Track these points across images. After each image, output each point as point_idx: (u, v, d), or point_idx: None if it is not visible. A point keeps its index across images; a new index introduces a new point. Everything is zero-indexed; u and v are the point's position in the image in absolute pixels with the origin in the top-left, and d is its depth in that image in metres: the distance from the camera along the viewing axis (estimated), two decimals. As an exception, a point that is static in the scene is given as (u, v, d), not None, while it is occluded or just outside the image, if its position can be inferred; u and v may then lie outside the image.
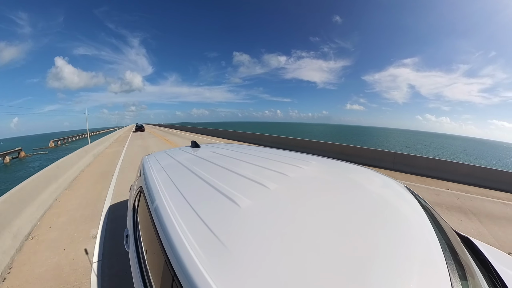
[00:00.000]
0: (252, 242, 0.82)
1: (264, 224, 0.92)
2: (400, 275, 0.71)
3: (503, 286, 1.14)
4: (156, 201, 1.22)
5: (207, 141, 14.06)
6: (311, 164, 1.80)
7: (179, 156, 2.20)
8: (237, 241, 0.82)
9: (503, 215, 4.71)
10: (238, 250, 0.77)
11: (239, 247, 0.79)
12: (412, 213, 1.18)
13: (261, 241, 0.83)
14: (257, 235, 0.85)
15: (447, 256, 0.86)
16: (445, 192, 6.05)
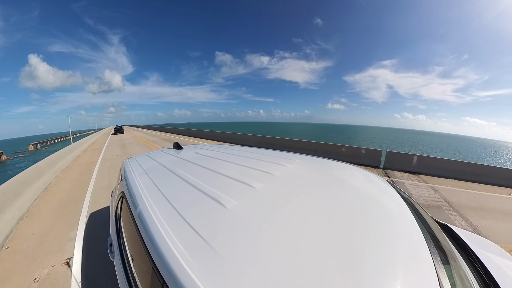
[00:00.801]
0: (241, 244, 0.81)
1: (252, 225, 0.92)
2: (388, 264, 0.75)
3: (481, 266, 1.24)
4: (139, 206, 1.18)
5: (191, 143, 13.75)
6: (295, 162, 1.82)
7: (162, 159, 2.14)
8: (226, 243, 0.82)
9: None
10: (228, 253, 0.77)
11: (228, 250, 0.78)
12: (395, 205, 1.24)
13: (250, 242, 0.82)
14: (246, 236, 0.85)
15: (430, 243, 0.92)
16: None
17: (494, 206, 5.15)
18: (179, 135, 24.64)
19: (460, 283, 0.87)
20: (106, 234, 2.49)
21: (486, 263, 1.27)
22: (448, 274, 0.81)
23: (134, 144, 16.40)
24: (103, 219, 3.92)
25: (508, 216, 4.60)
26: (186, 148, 2.73)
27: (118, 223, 1.64)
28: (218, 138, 18.85)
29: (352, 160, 8.91)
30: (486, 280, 1.14)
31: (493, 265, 1.29)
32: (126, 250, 1.31)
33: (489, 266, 1.24)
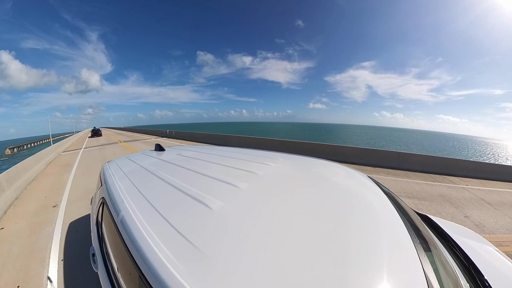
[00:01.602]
0: (229, 244, 0.81)
1: (238, 225, 0.92)
2: (374, 254, 0.79)
3: (460, 251, 1.33)
4: (121, 212, 1.14)
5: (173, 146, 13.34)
6: (278, 161, 1.84)
7: (143, 161, 2.07)
8: (213, 245, 0.81)
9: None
10: (216, 254, 0.76)
11: (217, 251, 0.78)
12: (376, 199, 1.29)
13: (238, 242, 0.82)
14: (233, 237, 0.85)
15: (411, 233, 0.97)
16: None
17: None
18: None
19: (442, 268, 0.94)
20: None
21: (464, 248, 1.36)
22: (431, 260, 0.87)
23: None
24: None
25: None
26: (168, 150, 2.67)
27: (100, 231, 1.57)
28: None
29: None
30: (465, 263, 1.23)
31: (470, 250, 1.39)
32: (110, 259, 1.24)
33: (467, 251, 1.33)
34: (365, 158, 8.95)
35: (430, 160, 8.33)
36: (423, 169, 8.02)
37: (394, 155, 8.62)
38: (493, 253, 1.57)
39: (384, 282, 0.68)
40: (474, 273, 1.15)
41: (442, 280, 0.82)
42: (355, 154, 9.32)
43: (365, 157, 9.00)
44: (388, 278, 0.69)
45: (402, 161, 8.40)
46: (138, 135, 29.81)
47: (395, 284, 0.68)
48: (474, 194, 5.71)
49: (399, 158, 8.48)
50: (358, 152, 9.38)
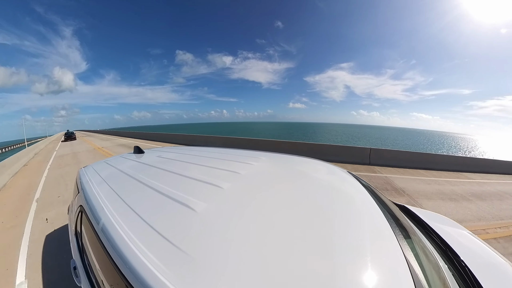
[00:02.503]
0: (215, 245, 0.81)
1: (223, 225, 0.92)
2: (356, 244, 0.83)
3: (437, 237, 1.41)
4: (102, 219, 1.09)
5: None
6: (260, 160, 1.85)
7: (122, 165, 2.00)
8: (200, 247, 0.80)
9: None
10: (203, 256, 0.76)
11: (203, 253, 0.77)
12: (356, 192, 1.35)
13: (224, 242, 0.83)
14: (219, 238, 0.85)
15: (391, 222, 1.02)
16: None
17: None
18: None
19: (422, 253, 0.99)
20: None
21: (441, 233, 1.45)
22: (411, 246, 0.93)
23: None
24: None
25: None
26: (147, 152, 2.58)
27: (80, 241, 1.49)
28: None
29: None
30: (443, 247, 1.31)
31: (446, 234, 1.49)
32: (93, 271, 1.19)
33: (444, 236, 1.42)
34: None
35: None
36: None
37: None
38: (467, 236, 1.69)
39: (369, 270, 0.72)
40: (451, 255, 1.23)
41: (422, 264, 0.87)
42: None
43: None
44: (372, 266, 0.73)
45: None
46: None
47: (380, 270, 0.73)
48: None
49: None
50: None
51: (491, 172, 8.47)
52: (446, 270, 1.07)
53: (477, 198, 5.21)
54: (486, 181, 6.95)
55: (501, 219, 4.15)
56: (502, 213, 4.39)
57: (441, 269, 1.01)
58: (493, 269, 1.36)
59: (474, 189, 5.97)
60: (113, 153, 12.14)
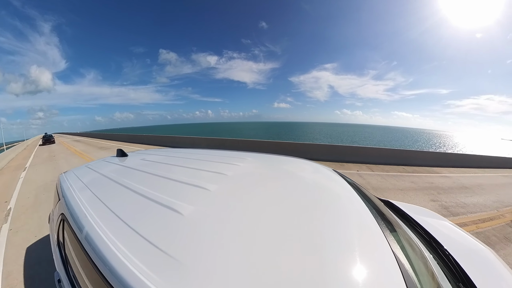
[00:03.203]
0: (204, 249, 0.80)
1: (211, 228, 0.92)
2: (344, 238, 0.86)
3: (421, 228, 1.48)
4: (85, 227, 1.04)
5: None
6: (247, 161, 1.86)
7: (104, 169, 1.92)
8: (188, 251, 0.79)
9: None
10: (192, 261, 0.75)
11: (192, 257, 0.76)
12: (342, 190, 1.38)
13: (213, 245, 0.82)
14: (208, 241, 0.84)
15: (376, 217, 1.06)
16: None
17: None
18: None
19: (408, 245, 1.03)
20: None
21: (424, 225, 1.52)
22: (396, 239, 0.96)
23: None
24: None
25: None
26: (131, 155, 2.50)
27: (63, 252, 1.42)
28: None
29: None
30: (427, 238, 1.37)
31: (430, 226, 1.55)
32: (79, 282, 1.13)
33: (427, 227, 1.49)
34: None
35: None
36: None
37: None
38: (449, 227, 1.79)
39: (358, 264, 0.74)
40: (435, 245, 1.29)
41: (409, 255, 0.91)
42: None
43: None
44: (361, 260, 0.76)
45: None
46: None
47: (369, 264, 0.76)
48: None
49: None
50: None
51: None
52: (431, 260, 1.12)
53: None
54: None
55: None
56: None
57: (426, 259, 1.05)
58: (475, 255, 1.45)
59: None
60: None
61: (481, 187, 6.33)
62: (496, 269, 1.37)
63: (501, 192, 5.93)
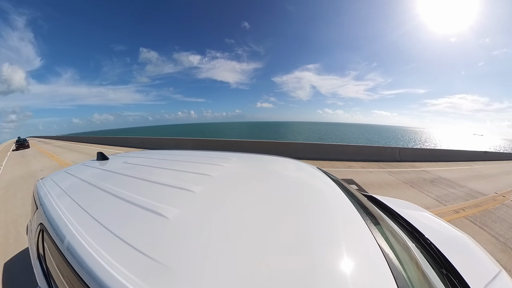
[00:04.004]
0: (192, 252, 0.80)
1: (198, 231, 0.91)
2: (330, 233, 0.90)
3: (403, 220, 1.54)
4: (66, 237, 0.99)
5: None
6: (231, 161, 1.86)
7: (84, 173, 1.84)
8: (176, 256, 0.78)
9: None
10: (180, 265, 0.74)
11: (181, 262, 0.75)
12: (326, 186, 1.43)
13: (201, 248, 0.81)
14: (195, 244, 0.84)
15: (361, 212, 1.10)
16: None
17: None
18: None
19: (391, 236, 1.07)
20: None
21: (406, 217, 1.59)
22: (380, 231, 1.01)
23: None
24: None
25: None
26: (112, 158, 2.39)
27: (45, 265, 1.35)
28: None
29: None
30: (409, 229, 1.43)
31: (411, 218, 1.63)
32: None
33: (409, 219, 1.56)
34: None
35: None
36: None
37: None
38: (429, 218, 1.89)
39: (345, 257, 0.78)
40: (417, 235, 1.35)
41: (393, 246, 0.95)
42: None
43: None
44: (348, 253, 0.80)
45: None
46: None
47: (355, 256, 0.80)
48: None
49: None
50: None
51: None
52: (414, 249, 1.17)
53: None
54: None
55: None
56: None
57: (410, 249, 1.10)
58: (454, 242, 1.55)
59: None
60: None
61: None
62: (475, 253, 1.47)
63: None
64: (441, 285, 1.01)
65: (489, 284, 1.20)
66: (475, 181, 6.60)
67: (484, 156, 11.85)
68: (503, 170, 8.75)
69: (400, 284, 0.70)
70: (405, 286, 0.72)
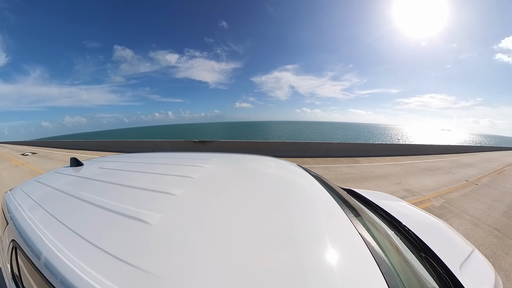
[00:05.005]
0: (178, 257, 0.78)
1: (182, 235, 0.89)
2: (313, 226, 0.94)
3: (382, 210, 1.61)
4: (43, 253, 0.92)
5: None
6: (212, 161, 1.84)
7: (57, 182, 1.70)
8: (162, 263, 0.76)
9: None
10: (167, 272, 0.72)
11: (168, 268, 0.74)
12: (308, 183, 1.46)
13: (188, 252, 0.80)
14: (180, 248, 0.82)
15: (341, 205, 1.13)
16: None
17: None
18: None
19: (372, 226, 1.11)
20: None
21: (384, 207, 1.67)
22: (361, 222, 1.05)
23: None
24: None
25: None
26: (87, 164, 2.24)
27: (21, 285, 1.23)
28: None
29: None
30: (388, 218, 1.50)
31: (389, 207, 1.71)
32: None
33: (387, 209, 1.64)
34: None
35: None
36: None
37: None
38: (405, 207, 2.00)
39: (330, 249, 0.81)
40: (396, 224, 1.42)
41: (374, 235, 0.98)
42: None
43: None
44: (332, 245, 0.83)
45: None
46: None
47: (339, 247, 0.84)
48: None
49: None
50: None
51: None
52: (394, 236, 1.23)
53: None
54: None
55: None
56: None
57: (390, 237, 1.15)
58: (430, 227, 1.66)
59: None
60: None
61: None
62: (449, 236, 1.58)
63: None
64: (422, 268, 1.06)
65: (464, 263, 1.28)
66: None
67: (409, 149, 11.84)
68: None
69: (383, 270, 0.73)
70: (388, 272, 0.74)
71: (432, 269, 1.09)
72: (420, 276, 0.97)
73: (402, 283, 0.79)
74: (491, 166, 9.02)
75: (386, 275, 0.72)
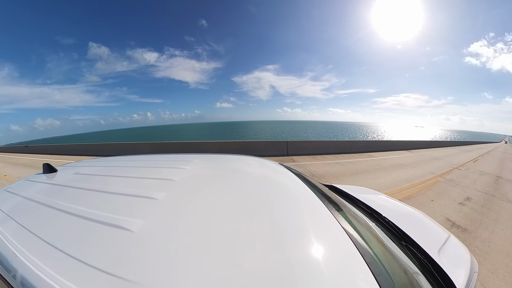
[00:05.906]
0: (163, 263, 0.76)
1: (166, 240, 0.87)
2: (297, 223, 0.96)
3: (362, 204, 1.68)
4: (18, 271, 0.85)
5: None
6: (193, 163, 1.82)
7: (30, 191, 1.55)
8: (147, 271, 0.73)
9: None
10: (154, 279, 0.70)
11: (153, 275, 0.72)
12: (290, 181, 1.49)
13: (173, 258, 0.78)
14: (165, 254, 0.80)
15: (323, 200, 1.16)
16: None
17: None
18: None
19: (354, 219, 1.15)
20: None
21: (365, 201, 1.74)
22: (344, 216, 1.10)
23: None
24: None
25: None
26: (61, 170, 2.08)
27: None
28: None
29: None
30: (368, 211, 1.57)
31: (369, 201, 1.78)
32: None
33: (367, 202, 1.71)
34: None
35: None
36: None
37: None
38: (384, 199, 2.10)
39: (315, 244, 0.84)
40: (376, 216, 1.48)
41: (356, 227, 1.02)
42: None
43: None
44: (316, 240, 0.86)
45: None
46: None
47: (324, 242, 0.87)
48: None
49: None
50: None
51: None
52: (375, 228, 1.28)
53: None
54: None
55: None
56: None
57: (372, 228, 1.19)
58: (408, 217, 1.75)
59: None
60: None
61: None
62: (426, 225, 1.68)
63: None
64: (403, 255, 1.12)
65: (441, 248, 1.37)
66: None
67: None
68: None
69: (368, 260, 0.75)
70: (373, 261, 0.77)
71: (413, 256, 1.15)
72: (402, 263, 1.02)
73: (386, 270, 0.83)
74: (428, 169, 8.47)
75: (370, 264, 0.74)
